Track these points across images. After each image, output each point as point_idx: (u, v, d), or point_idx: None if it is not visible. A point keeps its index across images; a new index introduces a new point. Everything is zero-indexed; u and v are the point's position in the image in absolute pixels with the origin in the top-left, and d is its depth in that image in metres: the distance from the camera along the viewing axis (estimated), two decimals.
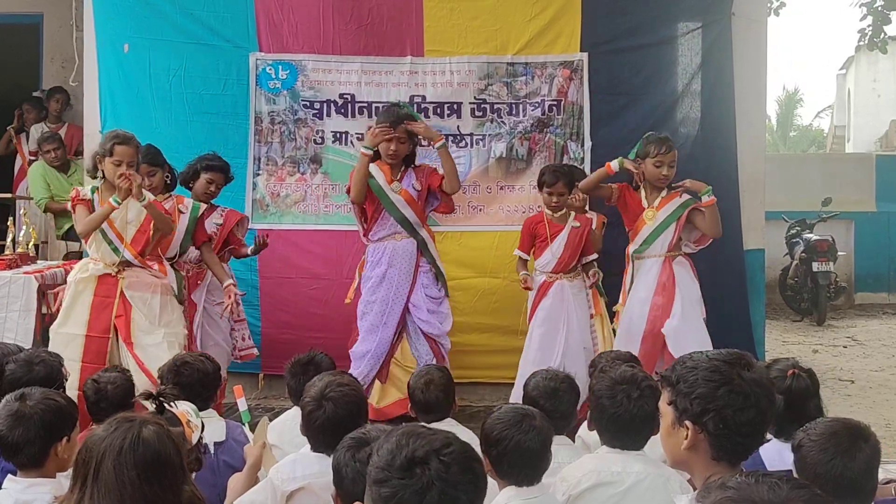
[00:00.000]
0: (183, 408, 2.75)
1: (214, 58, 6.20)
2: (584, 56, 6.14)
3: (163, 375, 3.58)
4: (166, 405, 2.68)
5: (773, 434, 2.93)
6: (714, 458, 2.04)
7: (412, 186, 5.16)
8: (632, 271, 5.14)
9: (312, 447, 2.96)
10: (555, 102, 6.17)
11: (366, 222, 5.24)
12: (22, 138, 8.55)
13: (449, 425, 3.57)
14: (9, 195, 7.77)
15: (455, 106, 6.19)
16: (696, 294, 5.03)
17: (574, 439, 3.62)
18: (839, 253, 10.59)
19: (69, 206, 4.96)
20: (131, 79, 6.24)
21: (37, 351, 3.57)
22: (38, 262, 6.23)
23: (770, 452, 2.85)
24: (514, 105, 6.18)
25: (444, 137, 5.29)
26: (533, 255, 5.42)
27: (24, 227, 6.30)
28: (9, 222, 6.54)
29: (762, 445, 2.49)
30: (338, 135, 6.24)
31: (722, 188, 5.85)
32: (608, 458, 2.92)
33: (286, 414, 3.85)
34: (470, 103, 6.18)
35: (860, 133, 19.23)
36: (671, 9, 6.25)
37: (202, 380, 3.52)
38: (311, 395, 2.95)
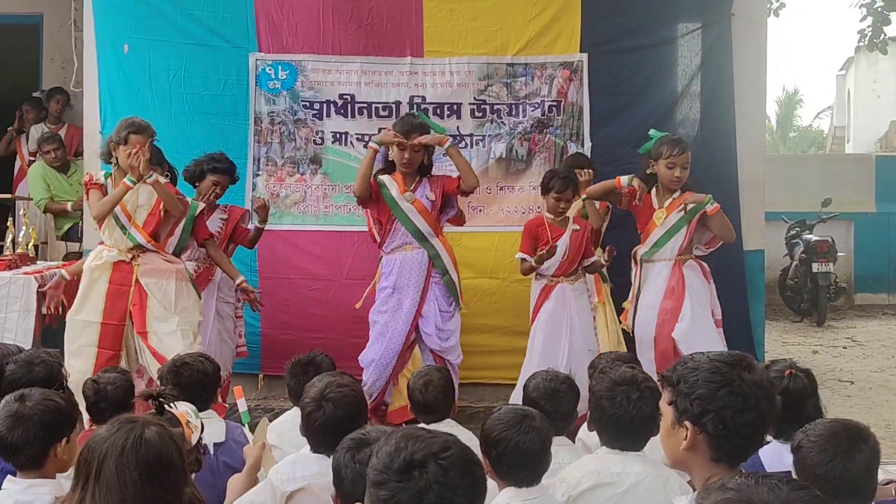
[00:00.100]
0: (182, 408, 2.75)
1: (214, 58, 6.20)
2: (584, 57, 6.14)
3: (162, 376, 3.59)
4: (166, 406, 2.68)
5: (772, 436, 2.93)
6: (713, 459, 2.04)
7: (426, 196, 5.11)
8: (641, 274, 5.10)
9: (312, 448, 2.97)
10: (554, 103, 6.16)
11: (381, 234, 5.20)
12: (21, 139, 8.54)
13: (448, 426, 3.58)
14: (8, 196, 7.77)
15: (455, 106, 6.19)
16: (706, 297, 4.99)
17: (574, 440, 3.62)
18: (839, 253, 10.59)
19: (84, 194, 4.98)
20: (131, 79, 6.24)
21: (37, 352, 3.57)
22: (38, 262, 6.23)
23: (769, 453, 2.85)
24: (513, 106, 6.18)
25: (450, 138, 5.25)
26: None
27: (24, 228, 6.31)
28: (8, 223, 6.54)
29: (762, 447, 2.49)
30: (337, 135, 6.23)
31: (722, 189, 5.86)
32: (608, 458, 2.92)
33: (286, 414, 3.86)
34: (470, 104, 6.18)
35: (860, 134, 19.22)
36: (671, 9, 6.26)
37: (202, 380, 3.52)
38: (310, 396, 2.95)
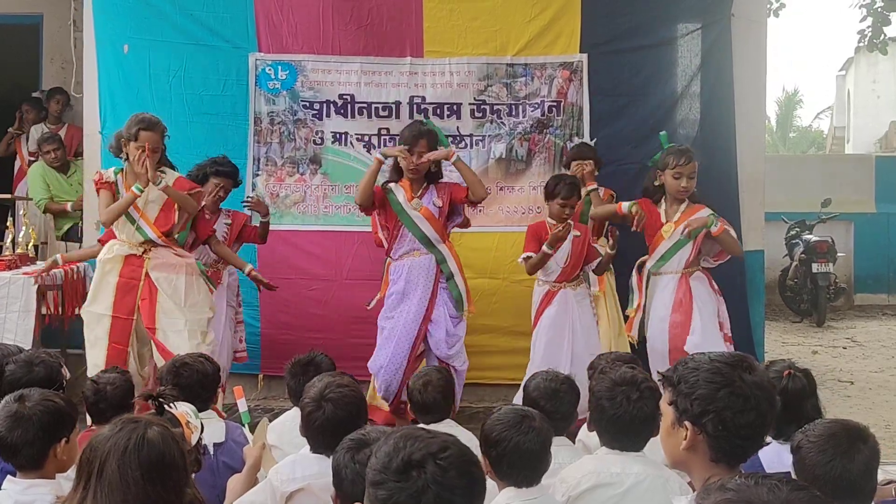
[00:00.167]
0: (182, 409, 2.75)
1: (214, 58, 6.20)
2: (584, 57, 6.14)
3: (162, 377, 3.59)
4: (166, 406, 2.68)
5: (771, 436, 2.93)
6: (713, 459, 2.04)
7: (433, 203, 5.11)
8: (648, 287, 5.08)
9: (312, 448, 2.97)
10: (554, 103, 6.16)
11: (388, 240, 5.19)
12: (21, 139, 8.54)
13: (448, 426, 3.58)
14: (8, 196, 7.77)
15: (454, 107, 6.19)
16: (713, 309, 4.96)
17: (574, 441, 3.62)
18: (839, 254, 10.59)
19: (95, 190, 4.99)
20: (131, 79, 6.24)
21: (37, 352, 3.58)
22: (38, 262, 6.23)
23: (769, 454, 2.85)
24: (513, 106, 6.18)
25: (456, 152, 5.24)
26: None
27: (24, 228, 6.31)
28: (8, 223, 6.55)
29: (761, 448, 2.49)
30: (337, 135, 6.23)
31: (722, 189, 5.86)
32: (607, 459, 2.92)
33: (286, 415, 3.85)
34: (469, 104, 6.18)
35: (860, 134, 19.22)
36: (671, 10, 6.26)
37: (201, 381, 3.52)
38: (310, 396, 2.95)
